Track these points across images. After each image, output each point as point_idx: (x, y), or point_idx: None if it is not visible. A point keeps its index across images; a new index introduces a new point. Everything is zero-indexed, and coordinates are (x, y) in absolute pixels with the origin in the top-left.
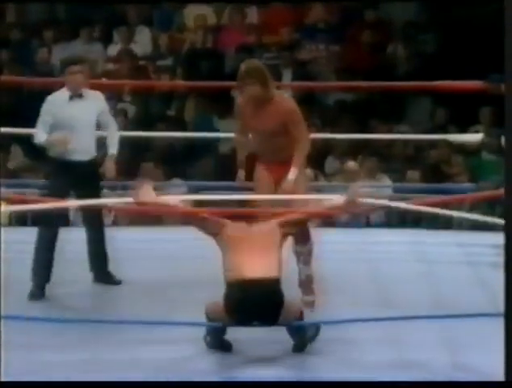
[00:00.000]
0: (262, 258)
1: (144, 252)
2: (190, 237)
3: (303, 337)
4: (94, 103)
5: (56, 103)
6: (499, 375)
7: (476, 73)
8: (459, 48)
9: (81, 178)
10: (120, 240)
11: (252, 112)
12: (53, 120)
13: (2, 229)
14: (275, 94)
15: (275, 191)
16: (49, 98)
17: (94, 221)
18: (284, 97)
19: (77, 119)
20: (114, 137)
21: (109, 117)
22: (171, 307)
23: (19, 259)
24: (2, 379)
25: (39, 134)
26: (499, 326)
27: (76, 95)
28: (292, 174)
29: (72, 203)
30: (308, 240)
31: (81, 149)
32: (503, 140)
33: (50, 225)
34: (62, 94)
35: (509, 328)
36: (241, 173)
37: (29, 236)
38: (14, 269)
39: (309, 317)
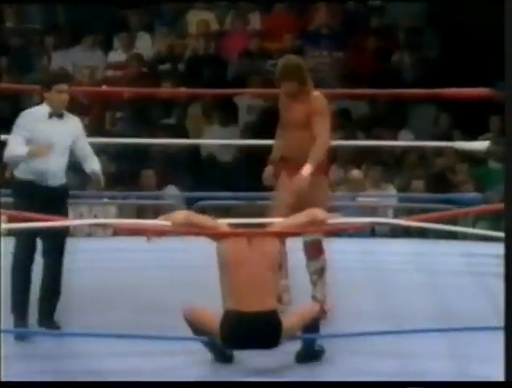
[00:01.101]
0: (260, 285)
1: (147, 262)
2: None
3: (311, 345)
4: (73, 126)
5: (35, 119)
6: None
7: (483, 79)
8: (465, 55)
9: (50, 204)
10: (123, 250)
11: (287, 106)
12: (30, 136)
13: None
14: (311, 91)
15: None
16: (27, 112)
17: (56, 250)
18: (318, 95)
19: (55, 139)
20: (93, 159)
21: (86, 143)
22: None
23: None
24: (2, 379)
25: (18, 147)
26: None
27: (56, 114)
28: (306, 170)
29: (87, 221)
30: (320, 255)
31: (53, 172)
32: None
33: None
34: (41, 109)
35: (509, 329)
36: (269, 169)
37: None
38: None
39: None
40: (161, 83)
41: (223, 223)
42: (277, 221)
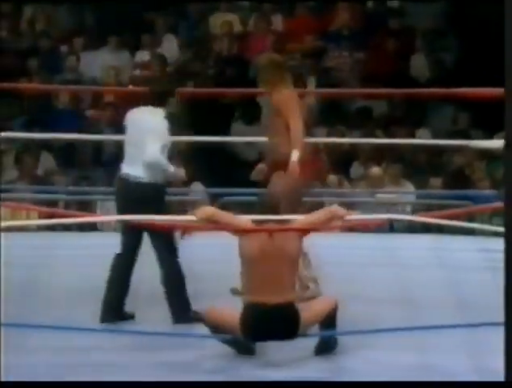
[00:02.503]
0: (280, 279)
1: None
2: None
3: (326, 339)
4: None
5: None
6: None
7: (501, 79)
8: (483, 55)
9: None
10: None
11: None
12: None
13: (28, 234)
14: (278, 90)
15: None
16: (161, 118)
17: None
18: (284, 93)
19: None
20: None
21: None
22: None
23: (44, 264)
24: (2, 379)
25: (169, 165)
26: None
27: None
28: (295, 155)
29: (115, 217)
30: None
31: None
32: None
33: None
34: (161, 116)
35: (510, 329)
36: (261, 167)
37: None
38: (42, 274)
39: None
40: (186, 83)
41: (245, 219)
42: (298, 218)
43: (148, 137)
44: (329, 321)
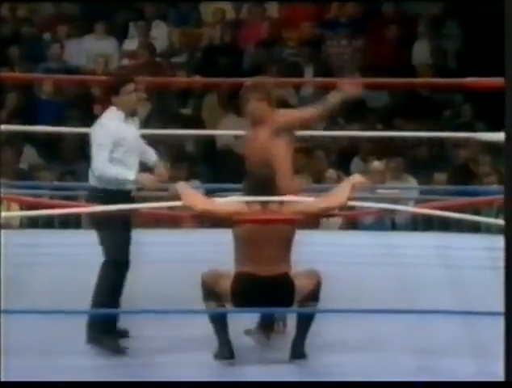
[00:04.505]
0: (274, 253)
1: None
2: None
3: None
4: (136, 122)
5: (116, 128)
6: None
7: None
8: (487, 43)
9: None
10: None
11: None
12: (114, 148)
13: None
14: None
15: None
16: (105, 124)
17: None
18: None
19: (134, 143)
20: (151, 151)
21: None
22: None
23: (29, 263)
24: (2, 379)
25: (125, 171)
26: None
27: (129, 116)
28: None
29: (108, 207)
30: None
31: (134, 177)
32: None
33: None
34: (114, 116)
35: (510, 328)
36: None
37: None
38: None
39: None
40: (176, 73)
41: (235, 202)
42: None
43: (93, 147)
44: (313, 295)
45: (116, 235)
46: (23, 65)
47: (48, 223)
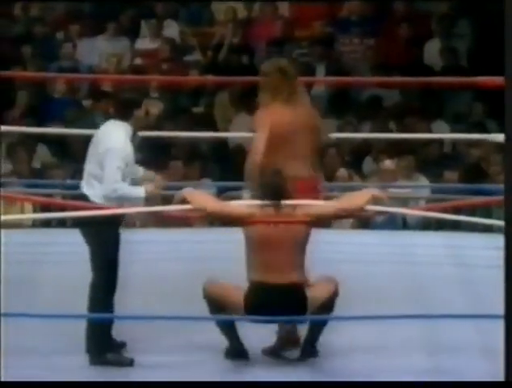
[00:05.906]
0: (287, 258)
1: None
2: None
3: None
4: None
5: (127, 145)
6: None
7: None
8: (498, 42)
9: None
10: (145, 242)
11: None
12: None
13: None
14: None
15: None
16: (118, 139)
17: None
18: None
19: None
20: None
21: None
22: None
23: (41, 261)
24: (2, 379)
25: (132, 189)
26: None
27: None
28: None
29: (110, 210)
30: None
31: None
32: None
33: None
34: (125, 132)
35: (510, 328)
36: None
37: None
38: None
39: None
40: (188, 71)
41: (243, 206)
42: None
43: (105, 162)
44: (327, 304)
45: (109, 239)
46: (35, 64)
47: (62, 222)
